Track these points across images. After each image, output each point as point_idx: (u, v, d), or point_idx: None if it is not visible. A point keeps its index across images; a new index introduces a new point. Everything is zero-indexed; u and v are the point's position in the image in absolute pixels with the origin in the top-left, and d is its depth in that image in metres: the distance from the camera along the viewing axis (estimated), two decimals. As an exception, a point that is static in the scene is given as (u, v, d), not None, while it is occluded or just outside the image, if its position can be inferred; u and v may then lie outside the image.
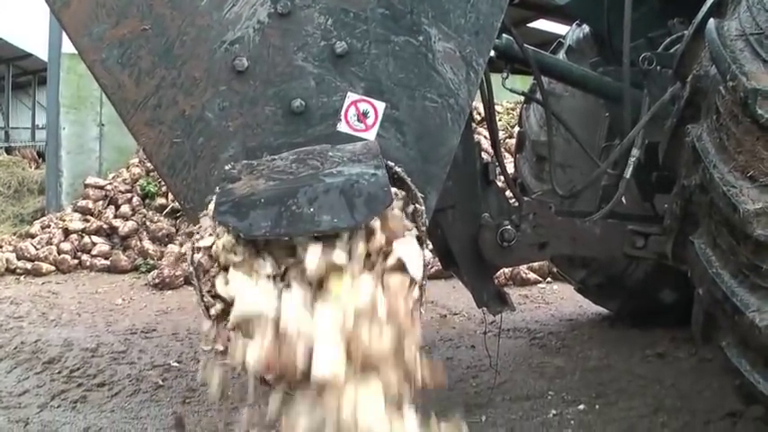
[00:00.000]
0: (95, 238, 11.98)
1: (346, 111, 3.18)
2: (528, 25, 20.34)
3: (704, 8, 4.01)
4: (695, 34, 4.00)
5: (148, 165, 12.47)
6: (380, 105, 3.19)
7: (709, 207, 3.66)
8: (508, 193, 5.38)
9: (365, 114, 3.19)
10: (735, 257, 3.53)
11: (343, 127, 3.19)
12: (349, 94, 3.19)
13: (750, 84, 3.37)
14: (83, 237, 11.95)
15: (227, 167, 3.07)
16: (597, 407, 5.52)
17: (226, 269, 2.84)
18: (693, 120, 3.89)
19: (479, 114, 11.68)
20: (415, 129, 3.23)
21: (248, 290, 2.78)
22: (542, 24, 20.21)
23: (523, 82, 7.69)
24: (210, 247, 2.84)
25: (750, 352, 3.53)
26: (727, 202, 3.44)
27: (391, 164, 3.07)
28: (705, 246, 3.75)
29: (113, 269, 11.49)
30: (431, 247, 5.29)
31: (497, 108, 14.36)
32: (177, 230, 12.17)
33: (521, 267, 10.36)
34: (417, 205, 2.98)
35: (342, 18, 3.15)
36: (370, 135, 3.20)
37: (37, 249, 11.54)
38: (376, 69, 3.18)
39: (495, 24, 3.27)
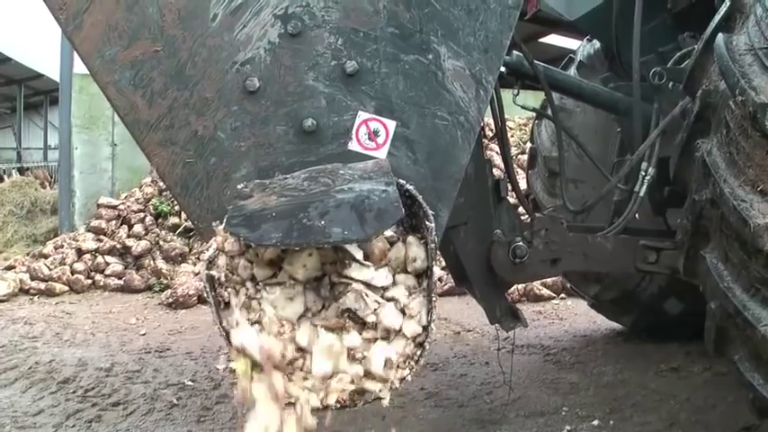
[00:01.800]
0: (109, 258, 12.00)
1: (357, 129, 3.20)
2: (540, 40, 20.33)
3: (713, 23, 4.01)
4: (704, 49, 4.00)
5: (161, 184, 12.51)
6: (391, 124, 3.21)
7: (720, 221, 3.65)
8: (521, 210, 5.38)
9: (376, 133, 3.21)
10: (746, 271, 3.53)
11: (354, 146, 3.21)
12: (360, 112, 3.21)
13: (759, 98, 3.37)
14: (96, 257, 11.97)
15: (239, 186, 3.09)
16: (611, 422, 5.51)
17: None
18: (703, 134, 3.89)
19: (491, 131, 11.68)
20: (425, 146, 3.24)
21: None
22: (554, 39, 20.18)
23: (536, 98, 7.69)
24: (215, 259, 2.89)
25: (763, 366, 3.52)
26: (737, 217, 3.44)
27: (402, 181, 3.08)
28: (716, 260, 3.75)
29: (127, 289, 11.52)
30: (443, 264, 5.33)
31: (509, 124, 14.39)
32: (190, 250, 12.19)
33: (534, 283, 10.35)
34: (428, 222, 2.98)
35: (352, 38, 3.18)
36: (381, 153, 3.22)
37: (50, 269, 11.56)
38: (386, 88, 3.20)
39: (504, 42, 3.29)
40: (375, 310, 2.92)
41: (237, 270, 2.92)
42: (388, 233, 2.96)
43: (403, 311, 2.99)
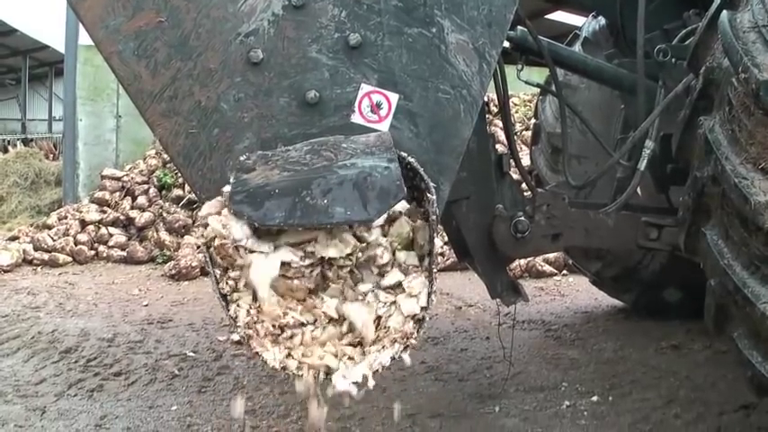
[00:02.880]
0: (112, 230, 12.01)
1: (360, 102, 3.21)
2: (546, 17, 20.26)
3: (717, 0, 4.01)
4: (708, 26, 3.99)
5: (165, 156, 12.50)
6: (394, 97, 3.22)
7: (721, 199, 3.65)
8: (523, 185, 5.39)
9: (379, 106, 3.21)
10: (746, 249, 3.53)
11: (356, 118, 3.22)
12: (363, 85, 3.21)
13: (762, 75, 3.36)
14: (99, 228, 11.98)
15: (241, 158, 3.10)
16: (611, 398, 5.53)
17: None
18: (706, 111, 3.89)
19: (496, 106, 11.67)
20: (428, 120, 3.25)
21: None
22: (560, 16, 20.10)
23: (540, 74, 7.67)
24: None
25: (761, 343, 3.53)
26: (738, 194, 3.44)
27: (404, 155, 3.09)
28: (717, 237, 3.75)
29: (130, 260, 11.53)
30: (446, 238, 5.34)
31: (514, 100, 14.38)
32: (193, 221, 12.18)
33: (536, 260, 10.37)
34: (429, 195, 2.99)
35: (355, 10, 3.18)
36: (384, 126, 3.22)
37: (54, 240, 11.58)
38: (389, 61, 3.21)
39: (507, 16, 3.29)
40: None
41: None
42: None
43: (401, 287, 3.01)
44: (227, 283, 2.94)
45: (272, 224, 2.72)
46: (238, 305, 2.93)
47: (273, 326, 2.93)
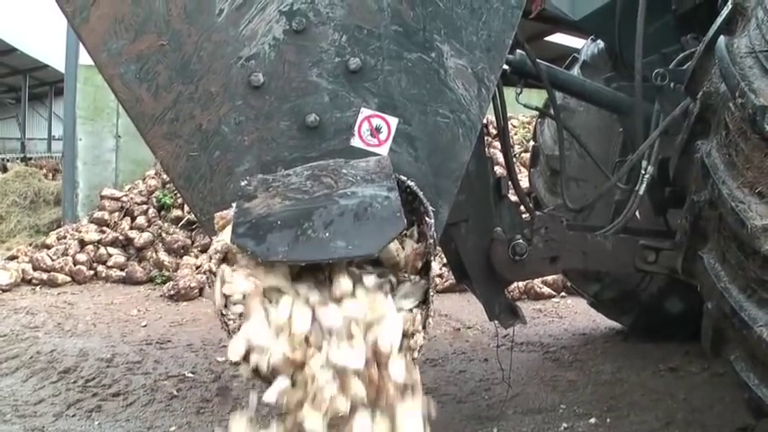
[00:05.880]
0: (111, 250, 12.04)
1: (360, 126, 3.23)
2: (546, 39, 20.34)
3: (715, 25, 4.04)
4: (706, 51, 4.01)
5: (164, 177, 12.52)
6: (393, 121, 3.23)
7: (718, 222, 3.67)
8: (522, 208, 5.41)
9: (378, 129, 3.23)
10: (743, 272, 3.55)
11: (356, 142, 3.24)
12: (362, 109, 3.23)
13: (758, 101, 3.38)
14: (98, 248, 12.00)
15: (242, 183, 3.11)
16: (608, 420, 5.54)
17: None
18: (703, 136, 3.91)
19: (495, 129, 11.70)
20: (427, 144, 3.26)
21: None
22: (560, 38, 20.20)
23: (540, 96, 7.71)
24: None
25: (758, 366, 3.55)
26: (735, 218, 3.46)
27: (403, 178, 3.11)
28: (714, 261, 3.77)
29: (129, 280, 11.55)
30: (444, 260, 5.35)
31: (513, 122, 14.41)
32: (193, 242, 12.22)
33: (535, 281, 10.39)
34: (428, 218, 3.00)
35: (355, 35, 3.20)
36: (383, 150, 3.24)
37: (53, 260, 11.59)
38: (389, 85, 3.23)
39: (506, 41, 3.31)
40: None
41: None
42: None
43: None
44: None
45: (276, 259, 2.72)
46: None
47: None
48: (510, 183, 4.97)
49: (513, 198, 5.11)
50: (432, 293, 3.00)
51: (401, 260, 3.00)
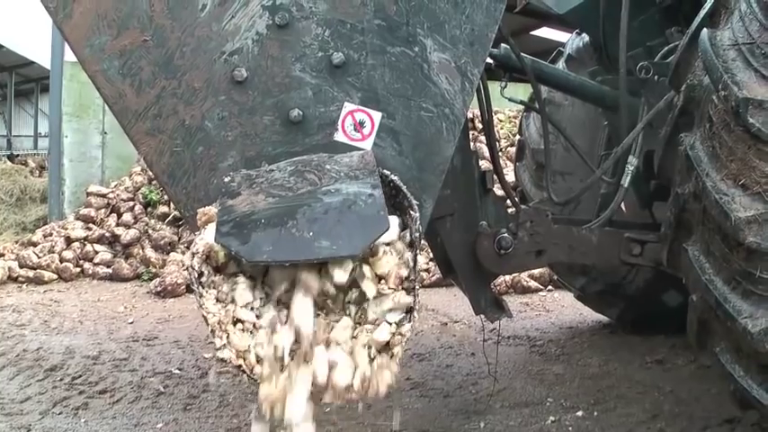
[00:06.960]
0: (97, 247, 12.01)
1: (343, 120, 3.22)
2: (531, 33, 20.38)
3: (698, 18, 4.05)
4: (689, 44, 4.03)
5: (150, 173, 12.49)
6: (377, 115, 3.23)
7: (703, 215, 3.69)
8: (508, 202, 5.41)
9: (362, 124, 3.23)
10: (727, 264, 3.57)
11: (340, 136, 3.23)
12: (346, 104, 3.22)
13: (742, 93, 3.40)
14: (85, 245, 11.98)
15: (226, 180, 3.10)
16: (596, 413, 5.54)
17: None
18: (687, 128, 3.93)
19: (480, 122, 11.70)
20: (410, 138, 3.26)
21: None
22: (546, 32, 20.22)
23: (525, 90, 7.71)
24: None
25: (743, 358, 3.57)
26: (719, 210, 3.48)
27: (387, 172, 3.11)
28: (699, 253, 3.79)
29: (115, 277, 11.53)
30: (430, 255, 5.34)
31: (499, 116, 14.42)
32: (179, 239, 12.20)
33: (522, 275, 10.40)
34: (412, 212, 3.00)
35: (339, 29, 3.20)
36: (367, 144, 3.24)
37: (39, 257, 11.57)
38: (372, 80, 3.22)
39: (489, 35, 3.31)
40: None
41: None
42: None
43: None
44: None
45: (260, 260, 2.71)
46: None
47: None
48: (495, 177, 4.98)
49: (499, 192, 5.12)
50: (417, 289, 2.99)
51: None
